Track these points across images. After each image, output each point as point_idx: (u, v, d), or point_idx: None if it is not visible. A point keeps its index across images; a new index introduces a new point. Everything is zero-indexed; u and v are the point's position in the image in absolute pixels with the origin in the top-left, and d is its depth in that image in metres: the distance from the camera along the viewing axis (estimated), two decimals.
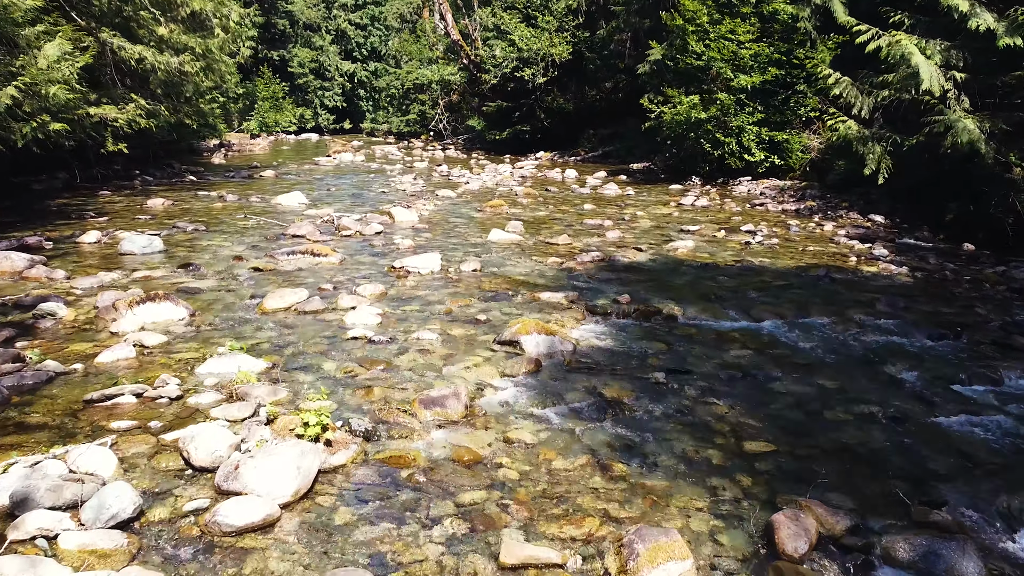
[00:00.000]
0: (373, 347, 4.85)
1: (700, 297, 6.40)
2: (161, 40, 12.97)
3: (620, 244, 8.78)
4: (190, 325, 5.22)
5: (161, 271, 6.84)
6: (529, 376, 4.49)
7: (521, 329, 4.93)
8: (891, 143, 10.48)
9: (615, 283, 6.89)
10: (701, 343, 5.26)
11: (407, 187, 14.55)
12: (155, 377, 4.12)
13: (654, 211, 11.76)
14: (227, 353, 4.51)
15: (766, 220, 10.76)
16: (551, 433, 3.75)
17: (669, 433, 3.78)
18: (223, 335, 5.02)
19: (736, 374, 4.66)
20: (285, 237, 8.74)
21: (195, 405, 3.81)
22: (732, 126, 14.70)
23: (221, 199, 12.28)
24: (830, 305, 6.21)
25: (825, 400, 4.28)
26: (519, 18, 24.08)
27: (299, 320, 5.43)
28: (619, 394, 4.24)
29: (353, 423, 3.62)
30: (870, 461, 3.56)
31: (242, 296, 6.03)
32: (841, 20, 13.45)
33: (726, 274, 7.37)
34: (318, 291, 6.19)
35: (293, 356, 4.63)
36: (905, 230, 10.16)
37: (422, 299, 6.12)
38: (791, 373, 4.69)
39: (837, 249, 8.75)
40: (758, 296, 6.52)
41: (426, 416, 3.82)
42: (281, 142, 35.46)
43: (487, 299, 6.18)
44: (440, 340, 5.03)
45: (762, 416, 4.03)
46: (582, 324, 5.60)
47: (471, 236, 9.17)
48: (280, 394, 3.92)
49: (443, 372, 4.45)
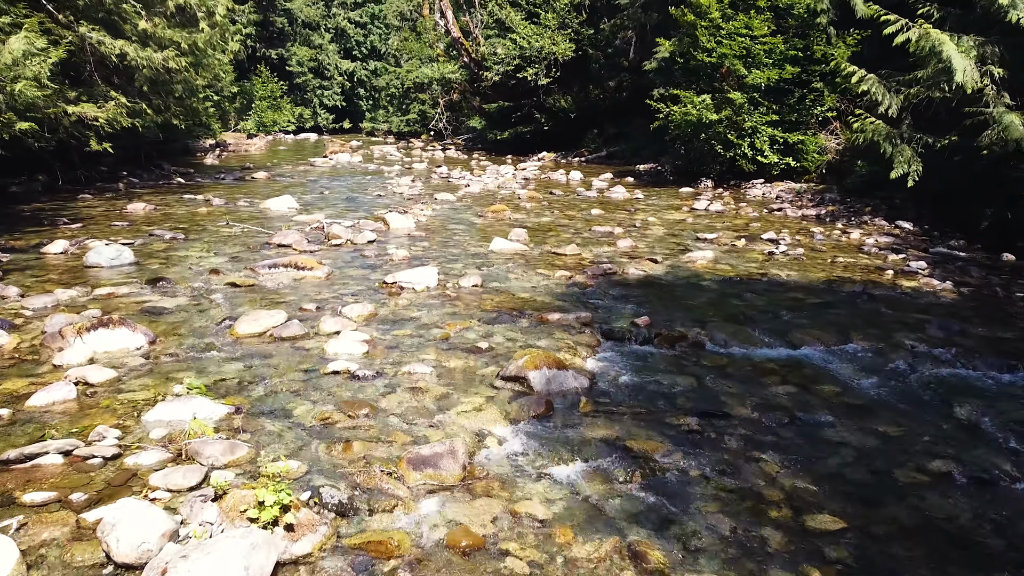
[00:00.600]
0: (356, 385, 4.17)
1: (727, 318, 5.72)
2: (145, 35, 12.30)
3: (633, 254, 8.10)
4: (148, 356, 4.54)
5: (127, 287, 6.16)
6: (539, 421, 3.81)
7: (528, 362, 4.25)
8: (922, 144, 9.79)
9: (631, 301, 6.20)
10: (735, 377, 4.57)
11: (404, 190, 13.87)
12: (92, 428, 3.44)
13: (666, 216, 11.07)
14: (183, 394, 3.84)
15: (787, 227, 10.06)
16: (567, 502, 3.07)
17: (712, 502, 3.10)
18: (184, 368, 4.34)
19: (781, 418, 3.97)
20: (270, 247, 8.06)
21: (133, 467, 3.12)
22: (745, 127, 13.99)
23: (207, 203, 11.60)
24: (874, 328, 5.52)
25: (891, 454, 3.59)
26: (522, 15, 23.38)
27: (274, 349, 4.75)
28: (646, 446, 3.56)
29: (325, 493, 2.94)
30: (961, 542, 2.88)
31: (213, 318, 5.34)
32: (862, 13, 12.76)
33: (752, 290, 6.68)
34: (299, 312, 5.51)
35: (262, 397, 3.94)
36: (936, 238, 9.45)
37: (416, 321, 5.44)
38: (844, 416, 4.01)
39: (868, 260, 8.06)
40: (791, 317, 5.83)
41: (415, 479, 3.14)
42: (279, 142, 34.79)
43: (489, 321, 5.50)
44: (435, 375, 4.35)
45: (821, 477, 3.34)
46: (597, 352, 4.91)
47: (471, 245, 8.49)
48: (238, 452, 3.24)
49: (437, 418, 3.77)
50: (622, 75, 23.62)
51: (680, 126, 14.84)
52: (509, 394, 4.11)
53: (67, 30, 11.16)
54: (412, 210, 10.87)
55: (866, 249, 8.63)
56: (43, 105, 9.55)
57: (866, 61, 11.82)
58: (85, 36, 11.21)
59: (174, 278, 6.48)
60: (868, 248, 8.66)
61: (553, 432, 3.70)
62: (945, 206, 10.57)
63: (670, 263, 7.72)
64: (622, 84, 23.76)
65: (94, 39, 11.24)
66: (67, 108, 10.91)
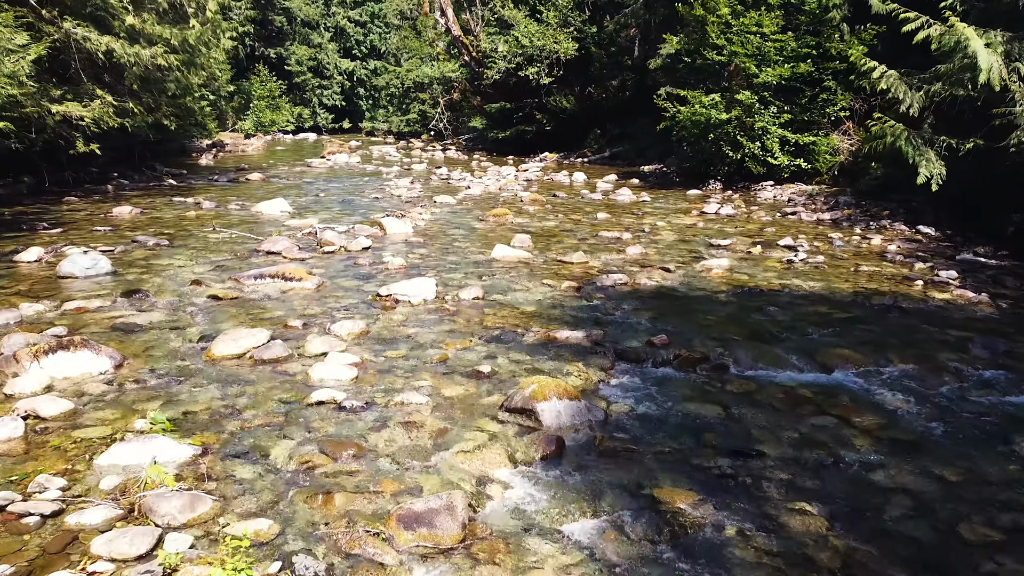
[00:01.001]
0: (342, 417, 3.71)
1: (751, 336, 5.25)
2: (133, 31, 11.84)
3: (644, 263, 7.63)
4: (112, 382, 4.08)
5: (101, 300, 5.70)
6: (549, 464, 3.35)
7: (537, 392, 3.78)
8: (945, 147, 9.32)
9: (645, 315, 5.74)
10: (764, 406, 4.11)
11: (403, 192, 13.41)
12: (34, 476, 2.98)
13: (675, 221, 10.61)
14: (146, 430, 3.39)
15: (803, 233, 9.59)
16: (585, 568, 2.60)
17: (754, 570, 2.64)
18: (151, 397, 3.88)
19: (822, 457, 3.51)
20: (258, 254, 7.60)
21: (75, 528, 2.66)
22: (756, 127, 13.51)
23: (196, 206, 11.14)
24: (911, 347, 5.06)
25: (953, 504, 3.13)
26: (525, 12, 22.91)
27: (253, 373, 4.28)
28: (673, 496, 3.10)
29: (299, 564, 2.48)
30: None
31: (189, 337, 4.88)
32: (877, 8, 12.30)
33: (774, 302, 6.21)
34: (284, 329, 5.05)
35: (234, 435, 3.48)
36: (960, 244, 8.99)
37: (411, 340, 4.98)
38: (893, 456, 3.54)
39: (894, 269, 7.59)
40: (819, 334, 5.37)
41: (406, 541, 2.68)
42: (277, 142, 34.31)
43: (491, 339, 5.04)
44: (431, 405, 3.89)
45: (876, 534, 2.88)
46: (612, 377, 4.45)
47: (472, 252, 8.03)
48: (200, 508, 2.78)
49: (433, 460, 3.31)
50: (625, 74, 23.17)
51: (687, 126, 14.38)
52: (515, 429, 3.65)
53: (51, 26, 10.71)
54: (410, 214, 10.41)
55: (889, 256, 8.16)
56: (23, 104, 9.09)
57: (880, 59, 11.36)
58: (70, 32, 10.75)
59: (152, 290, 6.02)
60: (891, 255, 8.19)
61: (566, 477, 3.24)
62: (966, 210, 10.10)
63: (684, 272, 7.26)
64: (625, 83, 23.31)
65: (79, 35, 10.78)
66: (51, 107, 10.47)
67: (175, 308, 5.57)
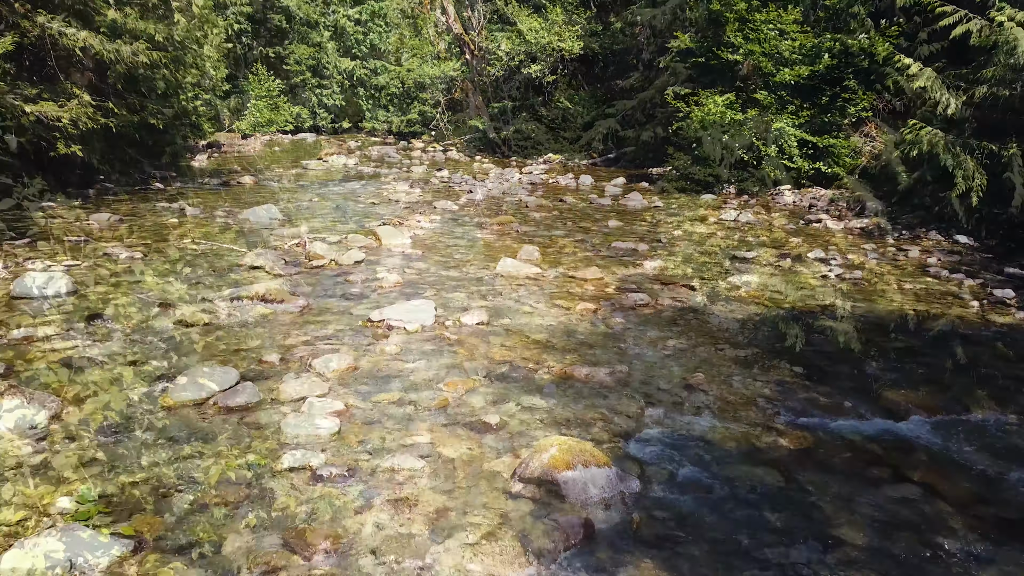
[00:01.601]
0: (318, 492, 3.01)
1: (798, 374, 4.55)
2: (115, 27, 11.15)
3: (664, 279, 6.93)
4: (43, 439, 3.38)
5: (53, 327, 5.00)
6: (576, 558, 2.65)
7: (557, 459, 3.08)
8: (986, 153, 8.60)
9: (673, 344, 5.03)
10: (828, 468, 3.41)
11: (402, 197, 12.70)
12: None
13: (692, 229, 9.90)
14: (68, 514, 2.69)
15: (833, 244, 8.87)
16: None
17: None
18: (86, 462, 3.18)
19: (915, 548, 2.80)
20: (239, 269, 6.90)
21: None
22: (773, 128, 12.79)
23: (180, 213, 10.44)
24: (986, 387, 4.36)
25: None
26: (528, 11, 22.20)
27: (215, 426, 3.58)
28: None
29: None
30: None
31: (146, 375, 4.18)
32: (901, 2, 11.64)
33: (816, 328, 5.51)
34: (257, 365, 4.35)
35: (180, 520, 2.78)
36: (1002, 256, 8.27)
37: (406, 378, 4.28)
38: (1003, 544, 2.84)
39: (941, 286, 6.88)
40: (877, 369, 4.67)
41: None
42: (275, 142, 33.58)
43: (499, 377, 4.33)
44: (427, 472, 3.19)
45: None
46: (643, 427, 3.75)
47: (475, 266, 7.32)
48: None
49: (429, 558, 2.61)
50: (631, 73, 22.45)
51: (699, 128, 13.66)
52: (531, 507, 2.95)
53: (24, 20, 10.02)
54: (408, 222, 9.71)
55: (932, 271, 7.44)
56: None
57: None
58: (45, 26, 10.06)
59: (114, 314, 5.32)
60: (934, 270, 7.48)
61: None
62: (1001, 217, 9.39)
63: (709, 290, 6.55)
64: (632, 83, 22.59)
65: (54, 29, 10.08)
66: (24, 107, 9.79)
67: (137, 337, 4.86)
